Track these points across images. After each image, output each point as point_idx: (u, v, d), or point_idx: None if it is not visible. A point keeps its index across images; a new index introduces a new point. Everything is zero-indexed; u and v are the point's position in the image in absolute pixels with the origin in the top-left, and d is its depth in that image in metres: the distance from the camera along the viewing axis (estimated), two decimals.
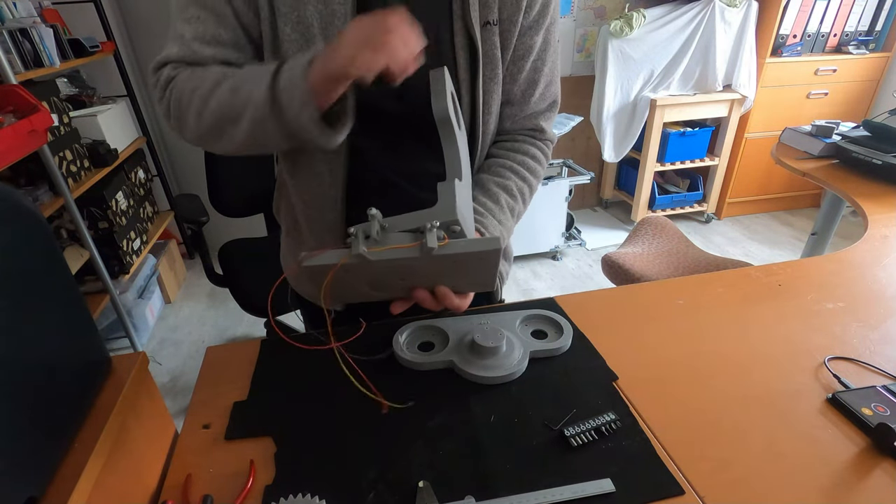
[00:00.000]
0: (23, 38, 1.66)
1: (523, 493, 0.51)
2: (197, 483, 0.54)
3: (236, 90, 0.58)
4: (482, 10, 0.66)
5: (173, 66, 0.64)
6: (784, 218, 3.14)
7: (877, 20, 2.74)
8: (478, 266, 0.57)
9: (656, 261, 1.49)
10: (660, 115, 2.69)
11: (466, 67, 0.69)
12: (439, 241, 0.53)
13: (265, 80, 0.55)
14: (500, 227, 0.69)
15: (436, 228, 0.53)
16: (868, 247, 1.01)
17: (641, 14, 2.53)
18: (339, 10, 0.63)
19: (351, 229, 0.54)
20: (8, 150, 1.37)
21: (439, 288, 0.58)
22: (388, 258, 0.54)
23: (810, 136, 1.65)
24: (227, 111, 0.58)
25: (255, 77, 0.57)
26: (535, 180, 0.78)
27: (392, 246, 0.54)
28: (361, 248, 0.53)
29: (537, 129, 0.79)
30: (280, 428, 0.60)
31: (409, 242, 0.54)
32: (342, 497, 0.51)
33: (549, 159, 0.80)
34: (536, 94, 0.76)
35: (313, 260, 0.54)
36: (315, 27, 0.63)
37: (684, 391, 0.65)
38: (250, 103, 0.56)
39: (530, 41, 0.71)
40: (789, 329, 0.75)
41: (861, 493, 0.51)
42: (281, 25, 0.63)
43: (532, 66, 0.73)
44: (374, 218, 0.54)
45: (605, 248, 2.83)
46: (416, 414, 0.61)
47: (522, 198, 0.76)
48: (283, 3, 0.62)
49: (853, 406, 0.60)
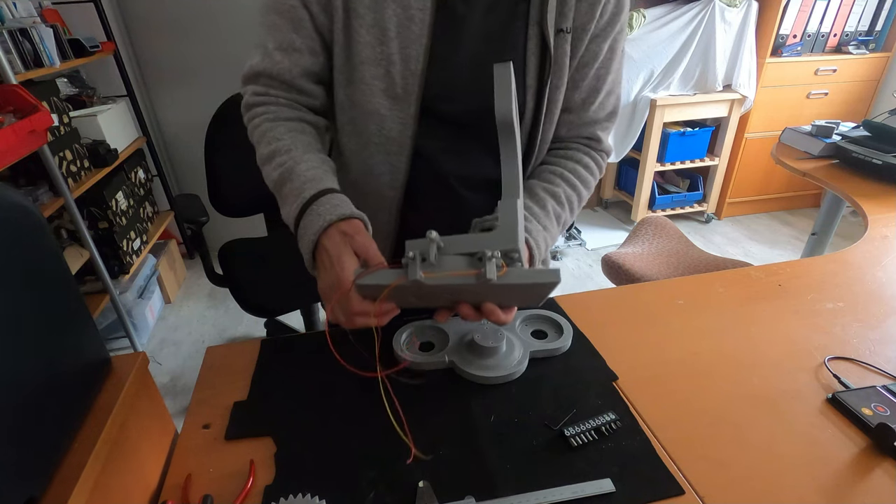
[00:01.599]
0: (23, 38, 1.66)
1: (523, 493, 0.51)
2: (197, 483, 0.54)
3: (279, 186, 0.64)
4: (558, 17, 0.66)
5: (254, 92, 0.70)
6: (784, 218, 3.14)
7: (877, 20, 2.74)
8: (531, 291, 0.55)
9: (656, 261, 1.49)
10: (660, 115, 2.69)
11: (535, 74, 0.69)
12: (498, 271, 0.51)
13: (291, 214, 0.61)
14: (543, 232, 0.68)
15: (496, 258, 0.51)
16: (868, 247, 1.01)
17: (641, 14, 2.52)
18: (416, 15, 0.64)
19: (409, 253, 0.52)
20: (8, 150, 1.37)
21: (486, 305, 0.57)
22: (443, 283, 0.52)
23: (810, 136, 1.65)
24: (271, 185, 0.66)
25: (291, 196, 0.61)
26: (586, 190, 0.76)
27: (449, 273, 0.52)
28: (419, 274, 0.51)
29: (593, 139, 0.77)
30: (280, 428, 0.60)
31: (466, 266, 0.52)
32: (342, 497, 0.51)
33: (602, 171, 0.78)
34: (596, 103, 0.74)
35: (366, 279, 0.53)
36: (391, 30, 0.64)
37: (684, 391, 0.65)
38: (282, 205, 0.64)
39: (596, 48, 0.70)
40: (789, 329, 0.75)
41: (861, 493, 0.51)
42: (356, 26, 0.65)
43: (595, 73, 0.72)
44: (433, 242, 0.52)
45: (605, 248, 2.83)
46: (416, 414, 0.61)
47: (570, 206, 0.74)
48: (360, 5, 0.64)
49: (853, 406, 0.60)
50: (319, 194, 0.60)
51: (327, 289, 0.56)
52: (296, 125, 0.68)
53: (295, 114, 0.70)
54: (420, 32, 0.64)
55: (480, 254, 0.52)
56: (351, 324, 0.55)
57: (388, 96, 0.68)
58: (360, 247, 0.56)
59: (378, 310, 0.55)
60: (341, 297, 0.53)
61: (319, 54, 0.69)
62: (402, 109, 0.68)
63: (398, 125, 0.69)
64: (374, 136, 0.71)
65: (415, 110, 0.68)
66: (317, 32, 0.67)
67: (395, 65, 0.66)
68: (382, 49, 0.65)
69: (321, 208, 0.58)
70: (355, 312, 0.54)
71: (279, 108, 0.69)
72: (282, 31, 0.66)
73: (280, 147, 0.65)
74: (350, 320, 0.55)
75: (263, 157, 0.66)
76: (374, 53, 0.66)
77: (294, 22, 0.66)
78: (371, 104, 0.69)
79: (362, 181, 0.75)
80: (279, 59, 0.67)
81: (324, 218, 0.57)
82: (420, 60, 0.65)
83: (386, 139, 0.70)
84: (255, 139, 0.69)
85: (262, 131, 0.67)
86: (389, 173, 0.73)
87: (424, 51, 0.65)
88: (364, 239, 0.56)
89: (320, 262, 0.58)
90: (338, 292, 0.54)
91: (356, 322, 0.55)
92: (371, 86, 0.67)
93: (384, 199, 0.74)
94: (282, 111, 0.69)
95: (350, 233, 0.56)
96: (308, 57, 0.68)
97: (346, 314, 0.55)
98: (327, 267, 0.56)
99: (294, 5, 0.65)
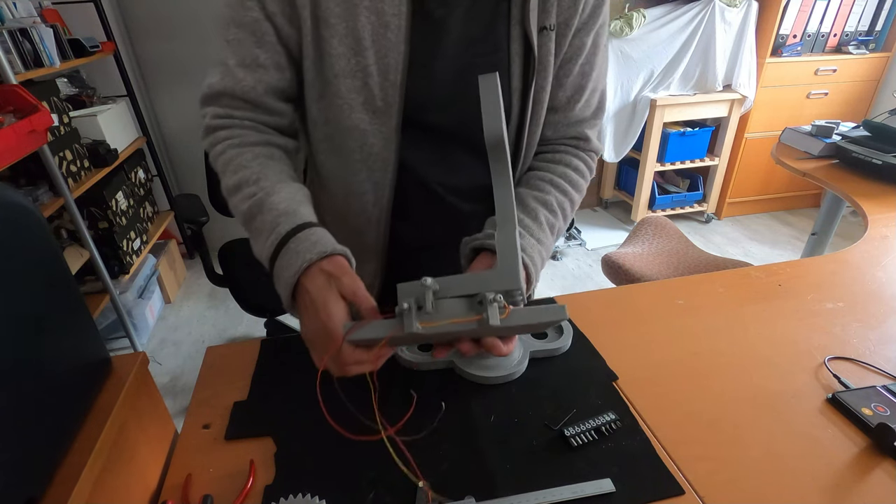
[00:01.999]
0: (23, 38, 1.66)
1: (523, 493, 0.51)
2: (197, 483, 0.54)
3: (248, 220, 0.58)
4: (541, 14, 0.63)
5: (215, 114, 0.63)
6: (784, 218, 3.14)
7: (877, 20, 2.74)
8: (535, 327, 0.53)
9: (656, 261, 1.49)
10: (660, 115, 2.69)
11: (520, 76, 0.66)
12: (500, 314, 0.48)
13: (265, 252, 0.55)
14: (538, 246, 0.65)
15: (497, 302, 0.48)
16: (868, 247, 1.01)
17: (641, 14, 2.52)
18: (392, 21, 0.60)
19: (403, 303, 0.48)
20: (8, 150, 1.37)
21: (487, 340, 0.53)
22: (440, 332, 0.49)
23: (810, 136, 1.65)
24: (240, 219, 0.60)
25: (264, 231, 0.56)
26: (577, 194, 0.72)
27: (448, 321, 0.48)
28: (415, 326, 0.47)
29: (581, 138, 0.73)
30: (280, 428, 0.60)
31: (466, 310, 0.49)
32: (342, 497, 0.51)
33: (592, 172, 0.74)
34: (582, 101, 0.71)
35: (359, 333, 0.49)
36: (366, 40, 0.60)
37: (684, 391, 0.65)
38: (253, 241, 0.58)
39: (580, 42, 0.67)
40: (789, 329, 0.75)
41: (861, 493, 0.51)
42: (327, 37, 0.61)
43: (580, 70, 0.69)
44: (428, 289, 0.48)
45: (605, 248, 2.83)
46: (416, 414, 0.61)
47: (563, 213, 0.70)
48: (331, 14, 0.60)
49: (853, 406, 0.60)
50: (296, 230, 0.54)
51: (314, 337, 0.51)
52: (264, 150, 0.63)
53: (262, 137, 0.64)
54: (397, 40, 0.60)
55: (481, 297, 0.48)
56: (343, 373, 0.51)
57: (368, 110, 0.64)
58: (346, 289, 0.51)
59: (373, 357, 0.51)
60: (333, 352, 0.49)
61: (286, 69, 0.64)
62: (383, 123, 0.64)
63: (381, 140, 0.65)
64: (355, 152, 0.67)
65: (397, 122, 0.64)
66: (282, 46, 0.63)
67: (372, 76, 0.62)
68: (358, 60, 0.61)
69: (300, 245, 0.53)
70: (348, 363, 0.50)
71: (245, 132, 0.63)
72: (244, 45, 0.61)
73: (248, 176, 0.59)
74: (343, 370, 0.51)
75: (230, 187, 0.60)
76: (348, 65, 0.62)
77: (257, 36, 0.61)
78: (350, 120, 0.65)
79: (344, 201, 0.72)
80: (242, 76, 0.61)
81: (303, 257, 0.52)
82: (399, 70, 0.61)
83: (368, 155, 0.67)
84: (220, 168, 0.62)
85: (227, 159, 0.61)
86: (373, 191, 0.69)
87: (403, 59, 0.61)
88: (350, 280, 0.51)
89: (302, 304, 0.52)
90: (329, 348, 0.49)
91: (350, 371, 0.51)
92: (348, 100, 0.64)
93: (369, 218, 0.71)
94: (248, 135, 0.63)
95: (335, 273, 0.51)
96: (274, 73, 0.63)
97: (339, 366, 0.50)
98: (311, 313, 0.51)
99: (257, 18, 0.60)
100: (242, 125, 0.63)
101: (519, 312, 0.49)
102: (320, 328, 0.50)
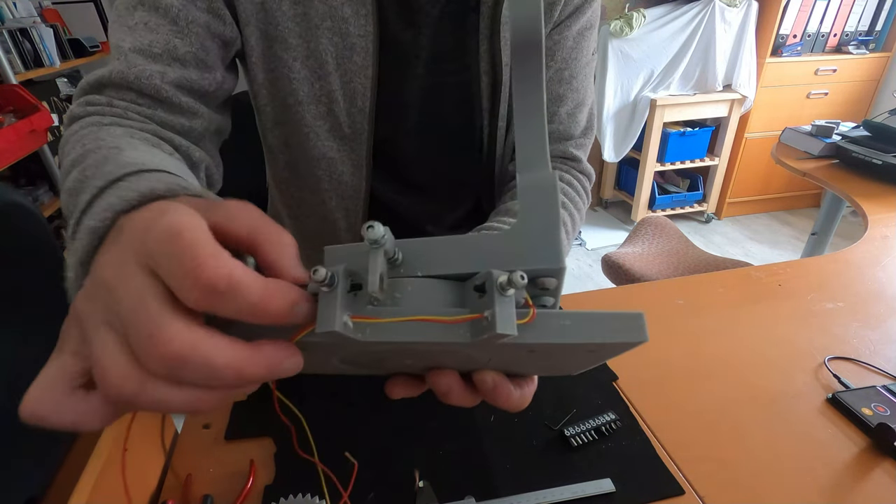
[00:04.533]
0: (23, 38, 1.66)
1: (523, 493, 0.51)
2: (197, 483, 0.54)
3: (74, 191, 0.32)
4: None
5: (89, 102, 0.44)
6: (784, 218, 3.14)
7: (877, 20, 2.74)
8: (579, 355, 0.28)
9: (656, 261, 1.49)
10: (660, 115, 2.69)
11: (489, 96, 0.61)
12: (519, 316, 0.22)
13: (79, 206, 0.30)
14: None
15: (513, 288, 0.22)
16: (868, 247, 1.01)
17: (641, 14, 2.53)
18: (358, 43, 0.54)
19: (321, 271, 0.22)
20: (8, 150, 1.37)
21: (486, 377, 0.30)
22: (398, 340, 0.23)
23: (810, 136, 1.65)
24: (64, 198, 0.33)
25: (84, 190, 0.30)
26: (576, 211, 0.62)
27: (412, 317, 0.23)
28: (341, 322, 0.22)
29: (569, 158, 0.65)
30: (280, 428, 0.60)
31: (449, 301, 0.25)
32: (342, 497, 0.51)
33: (589, 197, 0.66)
34: (563, 112, 0.63)
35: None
36: (330, 63, 0.55)
37: (684, 391, 0.65)
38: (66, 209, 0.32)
39: (558, 37, 0.60)
40: (789, 329, 0.75)
41: (861, 493, 0.51)
42: (288, 60, 0.54)
43: (557, 74, 0.61)
44: (378, 248, 0.23)
45: (605, 248, 2.83)
46: (416, 414, 0.61)
47: (564, 227, 0.58)
48: (290, 33, 0.53)
49: (853, 406, 0.60)
50: (144, 172, 0.31)
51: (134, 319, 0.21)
52: (147, 137, 0.43)
53: (151, 127, 0.44)
54: (364, 63, 0.55)
55: (483, 277, 0.24)
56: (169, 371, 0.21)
57: (336, 137, 0.59)
58: (236, 223, 0.26)
59: (250, 358, 0.22)
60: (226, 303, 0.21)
61: (212, 69, 0.50)
62: (352, 150, 0.60)
63: (350, 167, 0.61)
64: (323, 181, 0.63)
65: (367, 149, 0.60)
66: (214, 41, 0.50)
67: (337, 102, 0.57)
68: (321, 85, 0.56)
69: (141, 182, 0.29)
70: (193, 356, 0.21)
71: (127, 122, 0.43)
72: (155, 32, 0.46)
73: (98, 146, 0.36)
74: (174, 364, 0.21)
75: (68, 164, 0.35)
76: (312, 90, 0.56)
77: (178, 24, 0.46)
78: (317, 149, 0.60)
79: (315, 227, 0.66)
80: (142, 63, 0.45)
81: (140, 187, 0.27)
82: (367, 95, 0.56)
83: (339, 184, 0.62)
84: (66, 150, 0.38)
85: (80, 136, 0.39)
86: (345, 218, 0.64)
87: (371, 84, 0.56)
88: (249, 214, 0.28)
89: (100, 278, 0.23)
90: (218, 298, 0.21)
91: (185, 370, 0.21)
92: (314, 128, 0.58)
93: (343, 244, 0.66)
94: (126, 122, 0.43)
95: (210, 205, 0.26)
96: (193, 71, 0.48)
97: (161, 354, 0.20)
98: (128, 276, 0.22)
99: (179, 5, 0.46)
100: (126, 115, 0.44)
101: (554, 318, 0.23)
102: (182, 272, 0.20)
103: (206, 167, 0.50)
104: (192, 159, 0.47)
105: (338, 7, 0.53)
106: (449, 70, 0.60)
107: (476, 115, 0.63)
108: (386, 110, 0.59)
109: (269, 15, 0.53)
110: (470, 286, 0.25)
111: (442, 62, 0.60)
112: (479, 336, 0.22)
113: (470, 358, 0.28)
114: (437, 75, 0.60)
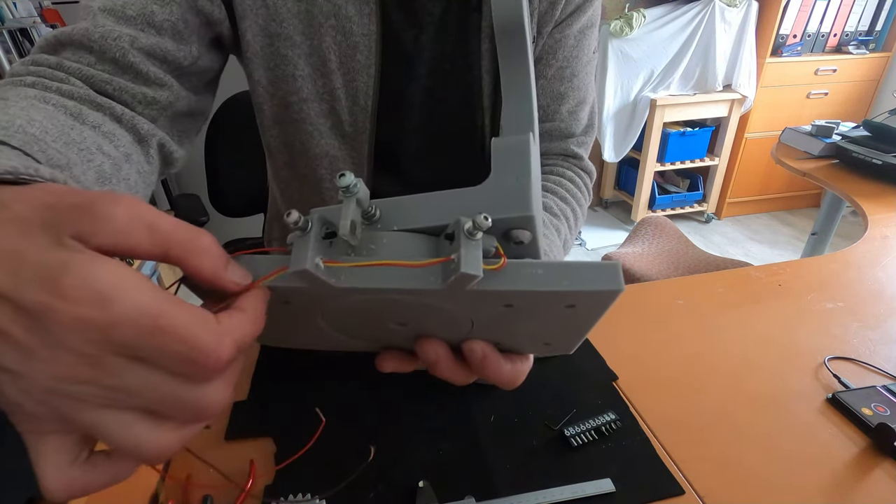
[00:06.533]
0: (23, 38, 1.66)
1: (523, 493, 0.51)
2: (197, 483, 0.54)
3: None
4: None
5: (35, 61, 0.40)
6: (784, 218, 3.14)
7: (877, 20, 2.74)
8: (560, 314, 0.27)
9: (656, 261, 1.49)
10: (660, 115, 2.69)
11: (490, 94, 0.61)
12: (489, 264, 0.23)
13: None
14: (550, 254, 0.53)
15: (482, 232, 0.23)
16: (868, 247, 1.01)
17: (641, 14, 2.53)
18: (361, 42, 0.54)
19: (295, 217, 0.23)
20: None
21: (474, 346, 0.29)
22: (371, 286, 0.24)
23: (810, 136, 1.65)
24: None
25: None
26: (578, 207, 0.62)
27: (381, 261, 0.24)
28: (312, 263, 0.22)
29: (570, 155, 0.66)
30: (280, 428, 0.60)
31: (423, 252, 0.25)
32: (342, 497, 0.51)
33: (590, 194, 0.65)
34: (564, 110, 0.63)
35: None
36: (333, 61, 0.55)
37: (684, 391, 0.65)
38: None
39: (559, 35, 0.60)
40: (789, 329, 0.75)
41: (861, 493, 0.51)
42: (293, 57, 0.55)
43: (558, 73, 0.61)
44: (350, 197, 0.24)
45: (605, 248, 2.83)
46: (416, 414, 0.61)
47: (566, 221, 0.58)
48: (294, 30, 0.53)
49: (853, 406, 0.60)
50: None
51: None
52: (66, 105, 0.36)
53: (83, 92, 0.39)
54: (366, 62, 0.55)
55: (452, 227, 0.25)
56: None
57: (337, 135, 0.60)
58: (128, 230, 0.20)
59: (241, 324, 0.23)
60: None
61: (188, 41, 0.46)
62: (354, 149, 0.60)
63: (351, 166, 0.61)
64: (324, 181, 0.62)
65: (369, 148, 0.60)
66: (198, 16, 0.47)
67: (339, 100, 0.57)
68: (324, 82, 0.56)
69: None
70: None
71: (55, 84, 0.38)
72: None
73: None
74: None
75: None
76: (315, 88, 0.56)
77: None
78: (319, 147, 0.60)
79: None
80: (110, 24, 0.41)
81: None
82: (369, 94, 0.56)
83: None
84: None
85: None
86: None
87: (374, 83, 0.56)
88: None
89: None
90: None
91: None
92: (317, 126, 0.58)
93: None
94: (57, 86, 0.37)
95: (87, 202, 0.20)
96: (169, 41, 0.44)
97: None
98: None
99: None
100: (65, 78, 0.39)
101: (526, 268, 0.24)
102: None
103: (159, 143, 0.46)
104: (138, 132, 0.43)
105: (341, 5, 0.53)
106: (451, 70, 0.61)
107: (477, 114, 0.63)
108: (388, 109, 0.59)
109: (271, 11, 0.53)
110: (443, 238, 0.26)
111: (444, 62, 0.60)
112: (448, 278, 0.23)
113: (453, 321, 0.28)
114: (438, 75, 0.60)
